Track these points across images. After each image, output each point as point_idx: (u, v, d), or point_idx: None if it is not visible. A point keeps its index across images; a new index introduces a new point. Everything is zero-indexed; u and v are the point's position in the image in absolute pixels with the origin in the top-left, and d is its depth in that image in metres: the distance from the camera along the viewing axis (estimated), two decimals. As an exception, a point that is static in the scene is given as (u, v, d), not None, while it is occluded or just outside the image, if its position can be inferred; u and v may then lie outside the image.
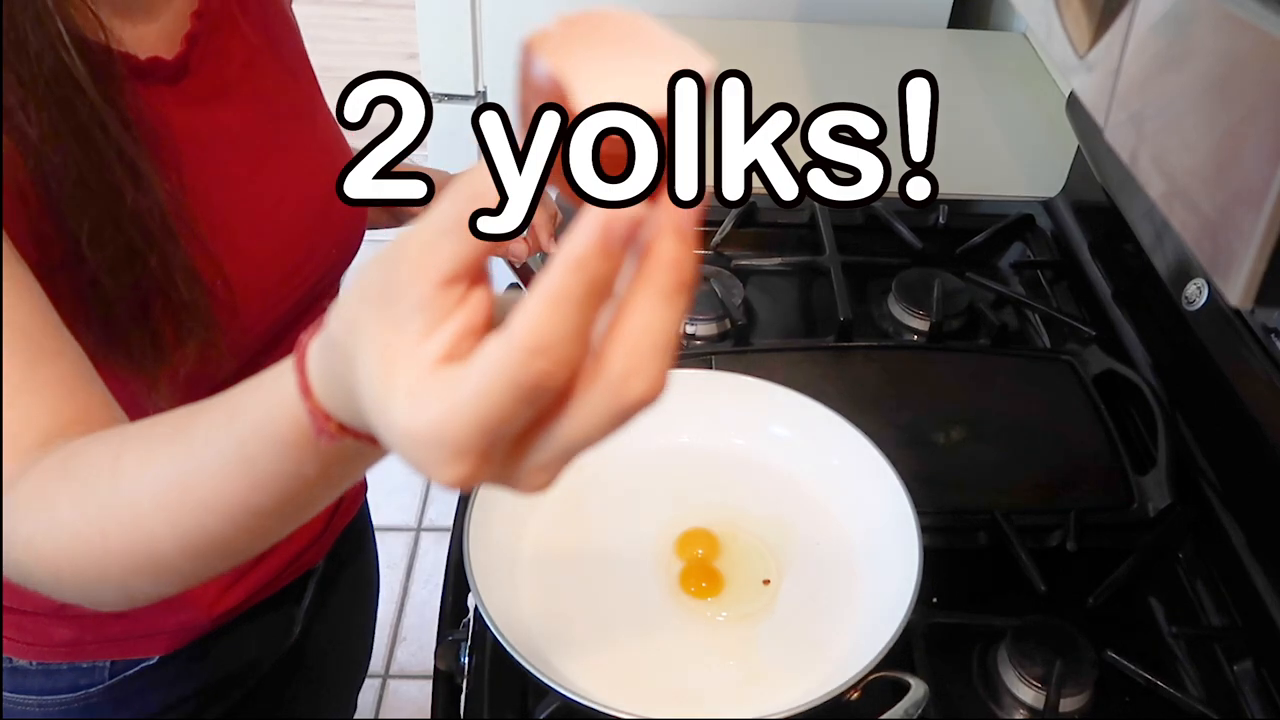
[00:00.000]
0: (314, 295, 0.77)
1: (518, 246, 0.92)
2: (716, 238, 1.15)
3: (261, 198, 0.72)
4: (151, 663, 0.80)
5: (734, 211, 1.17)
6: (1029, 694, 0.74)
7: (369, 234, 0.83)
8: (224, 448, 0.42)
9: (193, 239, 0.63)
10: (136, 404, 0.59)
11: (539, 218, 0.91)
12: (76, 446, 0.49)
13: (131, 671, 0.80)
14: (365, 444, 0.37)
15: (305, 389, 0.37)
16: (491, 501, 0.75)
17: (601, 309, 0.30)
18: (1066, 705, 0.73)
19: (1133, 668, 0.75)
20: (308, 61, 0.81)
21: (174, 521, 0.44)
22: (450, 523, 0.84)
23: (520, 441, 0.32)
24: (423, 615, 1.96)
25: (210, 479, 0.42)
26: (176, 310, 0.62)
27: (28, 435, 0.50)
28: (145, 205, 0.59)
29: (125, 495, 0.45)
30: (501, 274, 0.95)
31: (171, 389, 0.63)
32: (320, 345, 0.36)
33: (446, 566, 0.92)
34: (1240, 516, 0.83)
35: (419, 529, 2.11)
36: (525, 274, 0.95)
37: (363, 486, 0.95)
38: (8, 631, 0.74)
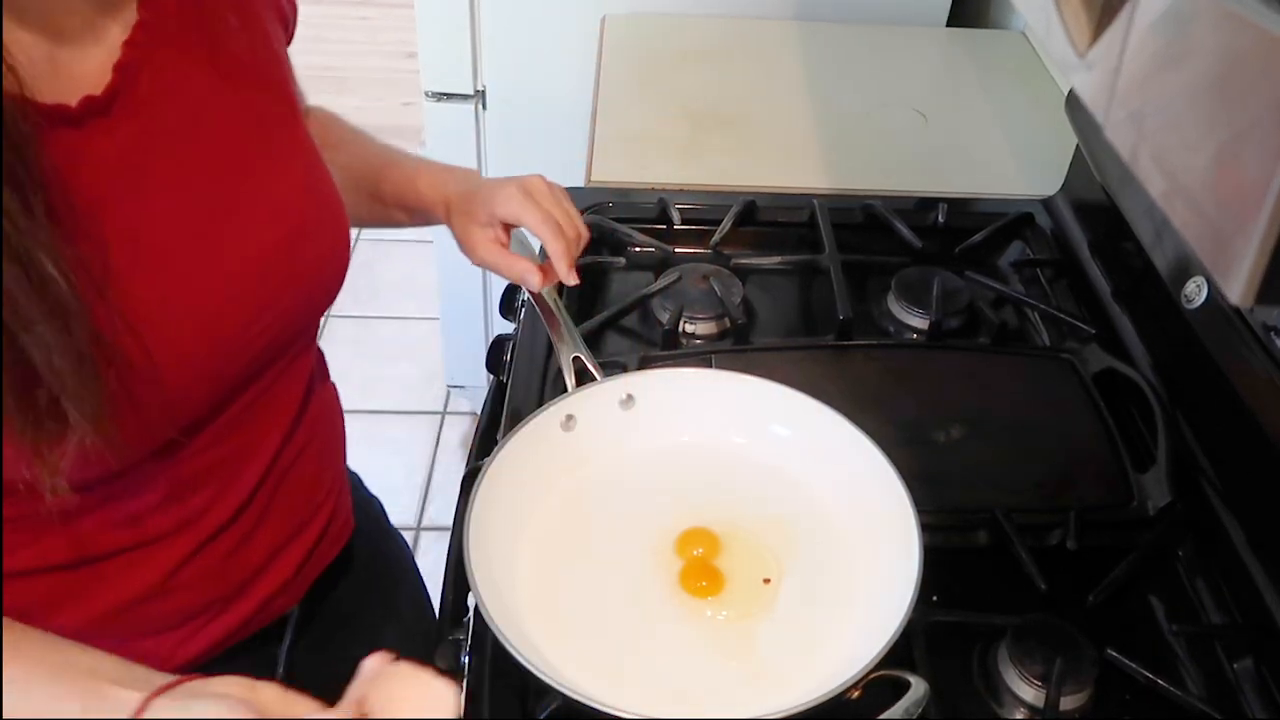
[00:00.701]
0: (281, 344, 0.74)
1: (532, 276, 0.87)
2: (716, 237, 1.15)
3: (203, 254, 0.67)
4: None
5: (734, 210, 1.17)
6: (1029, 692, 0.74)
7: (375, 234, 0.82)
8: None
9: (108, 308, 0.59)
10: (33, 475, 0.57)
11: (556, 247, 0.84)
12: None
13: None
14: None
15: None
16: (492, 500, 0.75)
17: None
18: (1067, 704, 0.73)
19: (1133, 666, 0.75)
20: (284, 76, 0.75)
21: None
22: (450, 522, 0.84)
23: None
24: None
25: None
26: (70, 388, 0.57)
27: None
28: (55, 272, 0.54)
29: None
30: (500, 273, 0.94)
31: (69, 462, 0.58)
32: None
33: (446, 566, 0.92)
34: (1240, 514, 0.83)
35: (419, 528, 2.11)
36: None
37: (344, 527, 0.90)
38: None
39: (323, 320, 0.84)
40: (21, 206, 0.53)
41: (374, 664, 0.55)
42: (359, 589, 0.95)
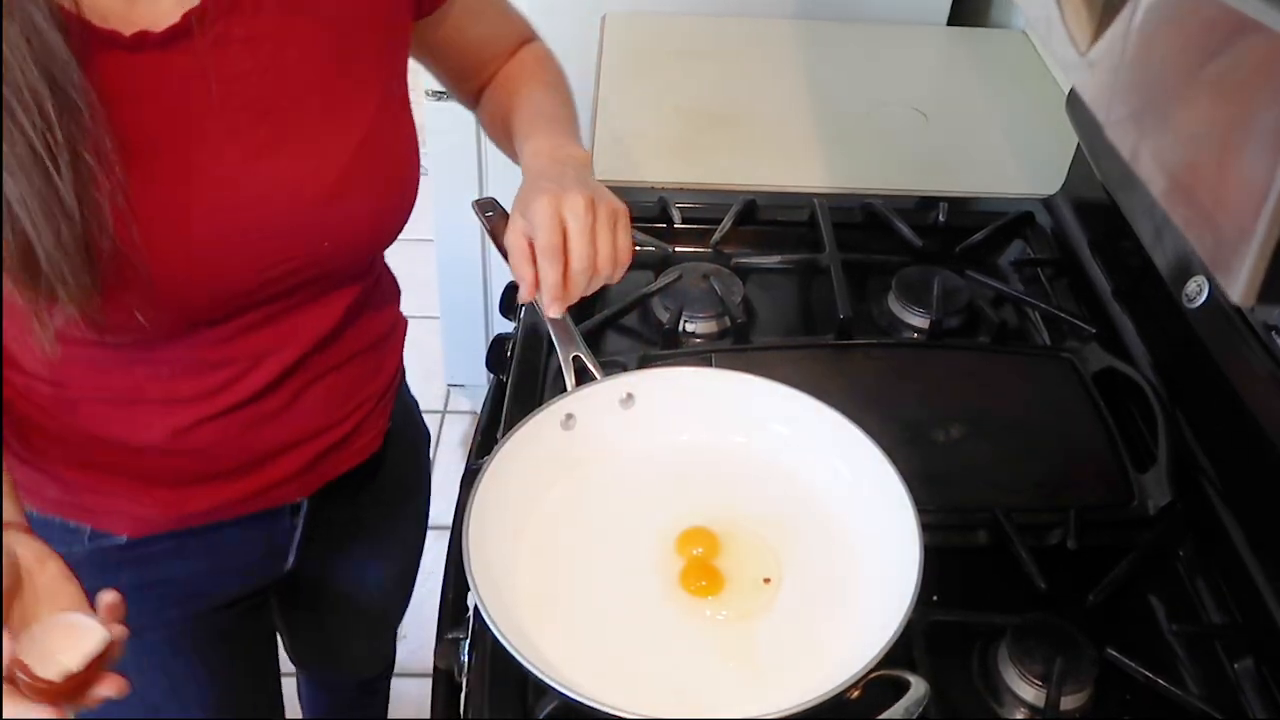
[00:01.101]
0: (306, 281, 0.78)
1: (524, 288, 0.81)
2: (716, 236, 1.15)
3: (244, 189, 0.72)
4: (120, 542, 0.86)
5: (734, 209, 1.17)
6: (1029, 692, 0.74)
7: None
8: None
9: (123, 209, 0.65)
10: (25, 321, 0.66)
11: (549, 277, 0.77)
12: None
13: (106, 544, 0.85)
14: None
15: None
16: (492, 499, 0.75)
17: None
18: (1067, 703, 0.73)
19: (1133, 665, 0.75)
20: (378, 16, 0.77)
21: None
22: (450, 521, 0.84)
23: None
24: (422, 613, 1.95)
25: None
26: (55, 265, 0.63)
27: None
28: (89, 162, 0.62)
29: None
30: (500, 269, 0.94)
31: (53, 333, 0.66)
32: None
33: (446, 565, 0.92)
34: (1240, 514, 0.83)
35: (418, 527, 2.11)
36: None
37: (369, 444, 0.95)
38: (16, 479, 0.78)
39: None
40: (64, 102, 0.60)
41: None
42: (373, 503, 1.01)
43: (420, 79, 1.74)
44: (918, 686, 0.68)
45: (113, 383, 0.78)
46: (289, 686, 1.43)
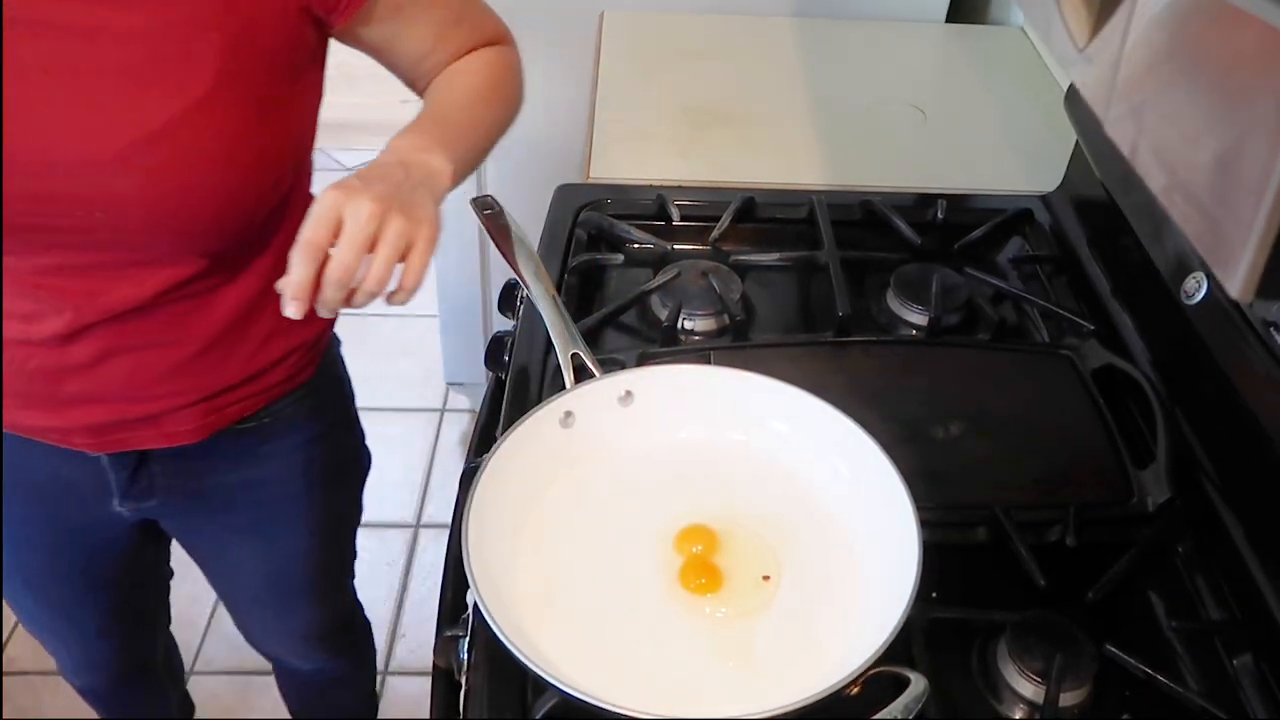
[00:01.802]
0: (74, 244, 0.79)
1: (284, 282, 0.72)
2: (715, 233, 1.15)
3: (24, 138, 0.73)
4: None
5: (732, 206, 1.17)
6: (1029, 689, 0.74)
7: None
8: None
9: None
10: None
11: (297, 273, 0.69)
12: None
13: None
14: None
15: None
16: (491, 497, 0.75)
17: None
18: (1066, 700, 0.73)
19: (1132, 662, 0.75)
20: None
21: None
22: (449, 519, 0.84)
23: None
24: (421, 612, 1.96)
25: None
26: None
27: None
28: None
29: None
30: (498, 267, 0.94)
31: None
32: None
33: (445, 562, 0.92)
34: (1240, 510, 0.83)
35: (417, 525, 2.11)
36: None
37: (201, 429, 0.95)
38: None
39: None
40: None
41: None
42: (220, 491, 1.04)
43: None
44: (917, 683, 0.68)
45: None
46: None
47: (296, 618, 1.24)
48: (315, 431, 1.05)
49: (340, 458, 1.13)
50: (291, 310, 0.69)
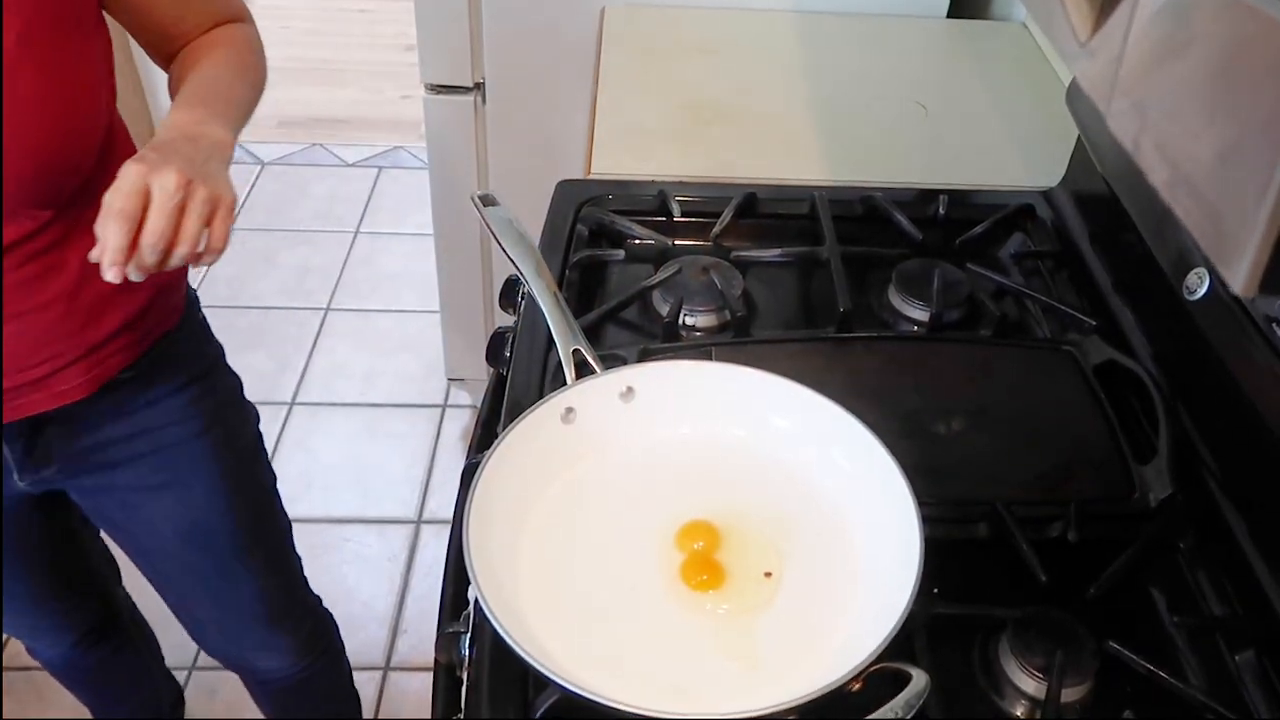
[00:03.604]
0: None
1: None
2: (716, 229, 1.15)
3: None
4: None
5: (734, 202, 1.17)
6: (1030, 684, 0.74)
7: (375, 227, 0.84)
8: None
9: None
10: None
11: (113, 240, 0.75)
12: None
13: None
14: None
15: None
16: (492, 493, 0.75)
17: None
18: (1068, 695, 0.73)
19: (1134, 658, 0.75)
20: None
21: None
22: (450, 515, 0.84)
23: None
24: (423, 608, 1.96)
25: None
26: None
27: None
28: None
29: None
30: (500, 263, 0.94)
31: None
32: None
33: (447, 559, 0.92)
34: (1241, 506, 0.83)
35: (419, 521, 2.11)
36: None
37: (86, 384, 0.97)
38: None
39: (322, 312, 0.86)
40: None
41: None
42: (119, 447, 1.06)
43: (419, 72, 1.74)
44: (918, 679, 0.68)
45: None
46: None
47: (238, 593, 1.23)
48: (194, 371, 1.10)
49: (227, 398, 1.16)
50: (111, 275, 0.75)
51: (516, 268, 0.94)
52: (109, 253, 0.75)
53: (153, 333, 1.03)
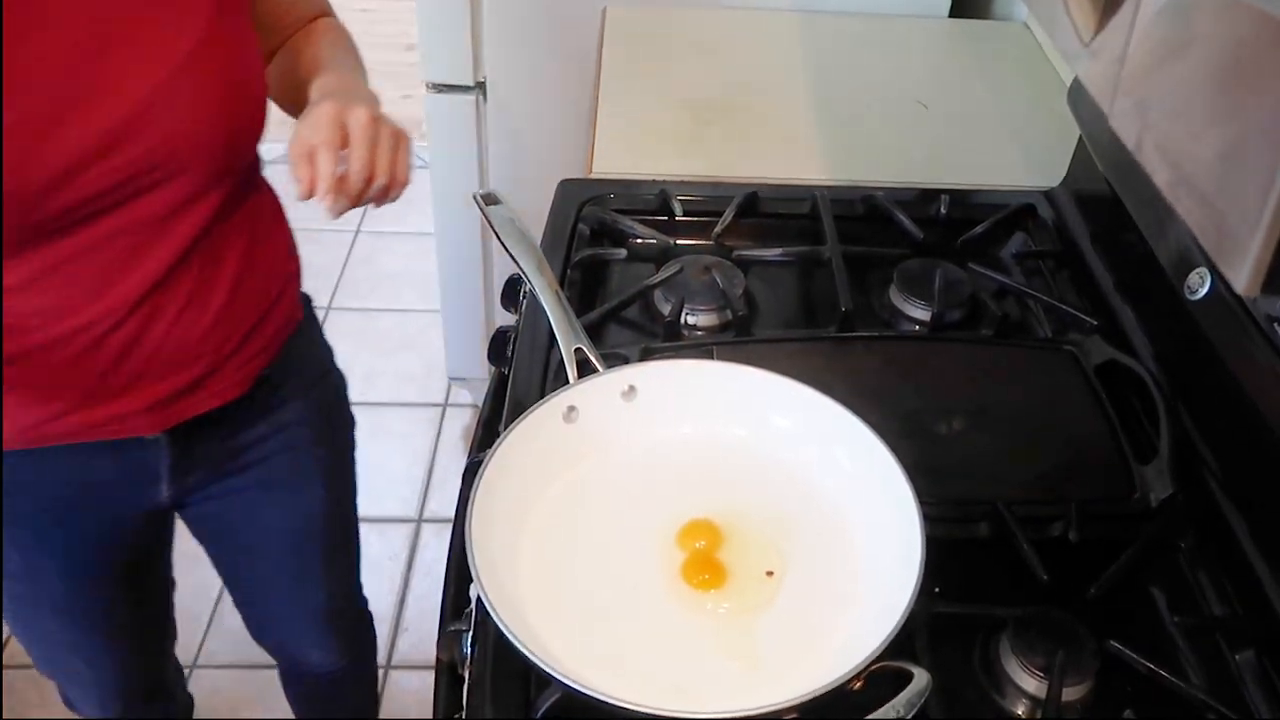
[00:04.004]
0: (134, 190, 0.79)
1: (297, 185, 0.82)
2: (717, 228, 1.15)
3: (81, 84, 0.74)
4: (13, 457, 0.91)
5: (735, 201, 1.17)
6: (1031, 684, 0.74)
7: (376, 226, 0.85)
8: None
9: None
10: None
11: (297, 171, 0.80)
12: None
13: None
14: None
15: None
16: (494, 492, 0.75)
17: None
18: (1069, 695, 0.73)
19: (1135, 657, 0.75)
20: None
21: None
22: (451, 514, 0.85)
23: None
24: (424, 607, 1.97)
25: None
26: None
27: None
28: None
29: None
30: (501, 261, 0.94)
31: None
32: None
33: (448, 557, 0.92)
34: (1242, 506, 0.83)
35: (420, 520, 2.12)
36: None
37: (245, 380, 0.96)
38: None
39: (323, 311, 0.87)
40: None
41: None
42: (257, 444, 1.05)
43: (420, 71, 1.74)
44: (919, 678, 0.68)
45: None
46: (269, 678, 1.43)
47: (313, 592, 1.23)
48: (317, 369, 1.10)
49: (338, 398, 1.17)
50: (329, 202, 0.78)
51: (519, 266, 0.94)
52: (324, 179, 0.77)
53: (287, 327, 1.02)
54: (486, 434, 1.04)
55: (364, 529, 1.25)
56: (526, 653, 0.65)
